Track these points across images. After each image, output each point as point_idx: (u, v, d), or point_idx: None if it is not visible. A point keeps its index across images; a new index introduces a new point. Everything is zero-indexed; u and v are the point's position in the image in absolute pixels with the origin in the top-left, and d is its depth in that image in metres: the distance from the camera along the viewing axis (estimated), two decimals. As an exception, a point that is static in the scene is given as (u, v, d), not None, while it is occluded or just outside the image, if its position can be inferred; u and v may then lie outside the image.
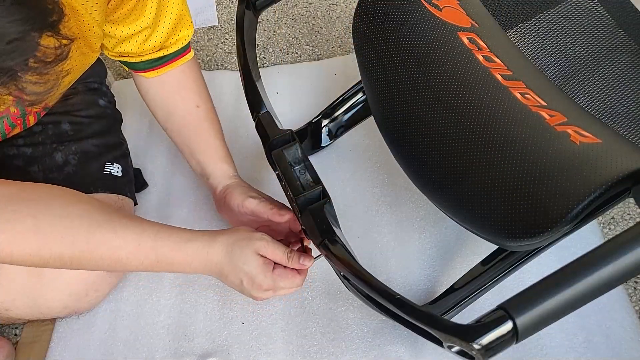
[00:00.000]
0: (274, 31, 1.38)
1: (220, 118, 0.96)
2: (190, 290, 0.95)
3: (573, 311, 0.51)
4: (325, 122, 1.07)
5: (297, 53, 1.33)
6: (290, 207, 0.83)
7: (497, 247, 0.78)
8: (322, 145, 1.09)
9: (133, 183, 1.01)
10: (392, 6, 0.79)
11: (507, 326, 0.50)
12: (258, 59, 1.10)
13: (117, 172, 0.95)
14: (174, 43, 0.87)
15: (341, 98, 1.04)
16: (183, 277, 0.96)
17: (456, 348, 0.55)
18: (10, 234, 0.66)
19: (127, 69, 0.90)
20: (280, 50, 1.34)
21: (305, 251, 0.83)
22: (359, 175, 1.08)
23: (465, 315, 0.83)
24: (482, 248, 0.84)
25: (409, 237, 0.99)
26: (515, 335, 0.50)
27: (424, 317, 0.59)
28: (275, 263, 0.78)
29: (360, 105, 1.04)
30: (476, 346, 0.51)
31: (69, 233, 0.69)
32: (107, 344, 0.90)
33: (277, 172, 0.81)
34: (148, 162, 1.12)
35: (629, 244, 0.50)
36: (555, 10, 0.87)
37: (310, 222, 0.74)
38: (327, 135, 1.08)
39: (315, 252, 0.77)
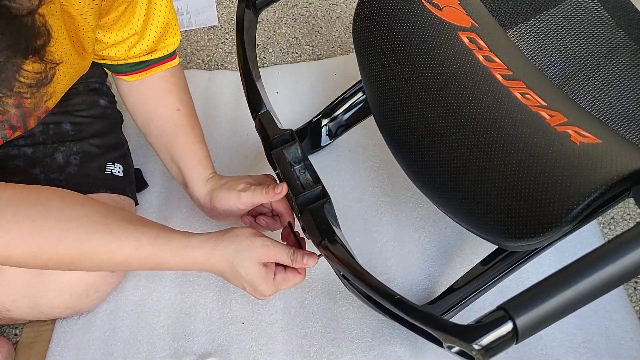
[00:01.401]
0: (274, 31, 1.38)
1: (220, 118, 0.95)
2: (190, 290, 0.95)
3: (573, 312, 0.51)
4: (325, 121, 1.07)
5: (297, 53, 1.33)
6: (277, 181, 0.82)
7: (497, 247, 0.78)
8: (322, 144, 1.09)
9: (134, 183, 1.01)
10: (392, 6, 0.79)
11: (507, 327, 0.50)
12: (258, 59, 1.10)
13: (119, 172, 0.95)
14: (159, 50, 0.86)
15: (341, 98, 1.04)
16: (183, 277, 0.96)
17: (456, 348, 0.55)
18: (9, 237, 0.67)
19: (110, 72, 0.89)
20: (280, 50, 1.34)
21: (298, 241, 0.82)
22: (359, 175, 1.08)
23: (465, 315, 0.82)
24: (482, 248, 0.84)
25: (409, 237, 0.99)
26: (515, 336, 0.50)
27: (424, 317, 0.59)
28: (276, 265, 0.78)
29: (360, 104, 1.03)
30: (476, 346, 0.51)
31: (67, 236, 0.69)
32: (107, 344, 0.90)
33: (277, 172, 0.81)
34: (148, 162, 1.12)
35: (629, 244, 0.50)
36: (555, 10, 0.87)
37: (310, 222, 0.74)
38: (327, 134, 1.08)
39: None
